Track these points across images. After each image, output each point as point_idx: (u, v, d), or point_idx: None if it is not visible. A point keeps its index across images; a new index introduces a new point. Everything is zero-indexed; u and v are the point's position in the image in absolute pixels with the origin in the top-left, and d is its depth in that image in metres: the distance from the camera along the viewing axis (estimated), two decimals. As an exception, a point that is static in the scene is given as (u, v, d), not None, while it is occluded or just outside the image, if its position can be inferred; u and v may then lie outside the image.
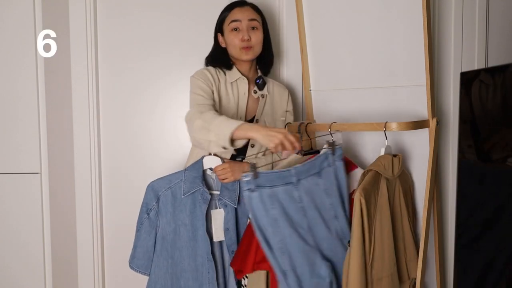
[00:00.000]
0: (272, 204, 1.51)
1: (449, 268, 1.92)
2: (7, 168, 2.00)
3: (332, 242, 1.61)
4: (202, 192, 1.73)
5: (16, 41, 1.97)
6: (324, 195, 1.62)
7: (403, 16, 1.72)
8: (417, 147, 1.76)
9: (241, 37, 1.78)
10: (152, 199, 1.73)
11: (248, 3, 1.88)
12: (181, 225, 1.73)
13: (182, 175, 1.75)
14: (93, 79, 2.16)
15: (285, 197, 1.54)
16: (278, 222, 1.51)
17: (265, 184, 1.50)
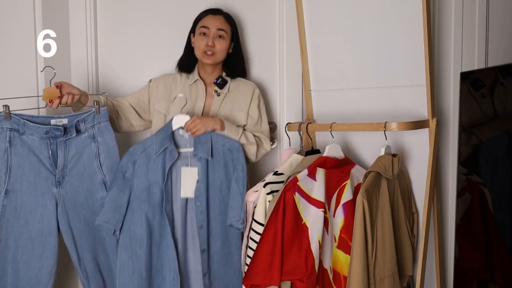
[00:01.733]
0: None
1: (449, 268, 1.92)
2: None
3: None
4: (171, 151, 1.81)
5: (16, 41, 1.96)
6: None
7: (403, 16, 1.72)
8: (417, 147, 1.76)
9: (206, 42, 1.92)
10: (128, 162, 1.82)
11: (222, 12, 1.99)
12: (154, 183, 1.80)
13: (153, 138, 1.86)
14: (93, 79, 2.16)
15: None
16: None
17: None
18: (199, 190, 1.79)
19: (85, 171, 1.77)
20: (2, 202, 1.70)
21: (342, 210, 1.64)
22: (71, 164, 1.76)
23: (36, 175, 1.73)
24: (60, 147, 1.74)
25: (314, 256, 1.55)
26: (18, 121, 1.70)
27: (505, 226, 1.50)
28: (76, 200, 1.77)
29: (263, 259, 1.56)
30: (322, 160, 1.68)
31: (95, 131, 1.77)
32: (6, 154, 1.69)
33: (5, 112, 1.68)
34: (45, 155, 1.73)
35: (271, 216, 1.57)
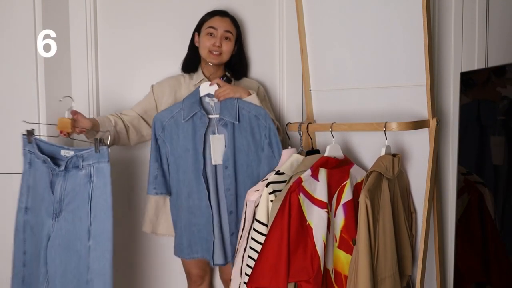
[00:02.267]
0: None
1: (449, 268, 1.92)
2: (7, 168, 2.00)
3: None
4: (201, 116, 1.86)
5: (16, 41, 1.96)
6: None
7: (403, 16, 1.72)
8: (417, 147, 1.76)
9: (213, 42, 1.95)
10: (159, 128, 1.88)
11: (229, 15, 2.02)
12: (185, 150, 1.86)
13: (181, 104, 1.90)
14: (93, 79, 2.16)
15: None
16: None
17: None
18: (226, 155, 1.86)
19: (77, 212, 1.69)
20: (23, 217, 1.77)
21: (342, 210, 1.64)
22: (67, 199, 1.70)
23: (40, 201, 1.73)
24: (59, 179, 1.70)
25: (319, 256, 1.55)
26: (34, 145, 1.74)
27: (504, 227, 1.50)
28: (64, 240, 1.68)
29: (269, 261, 1.55)
30: (324, 160, 1.68)
31: (93, 171, 1.68)
32: (27, 175, 1.76)
33: (28, 136, 1.74)
34: (47, 184, 1.72)
35: (277, 217, 1.56)
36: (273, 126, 1.87)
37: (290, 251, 1.55)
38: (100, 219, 1.65)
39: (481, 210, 1.59)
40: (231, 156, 1.86)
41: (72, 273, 1.67)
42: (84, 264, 1.66)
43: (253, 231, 1.66)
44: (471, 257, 1.65)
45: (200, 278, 2.04)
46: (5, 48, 1.97)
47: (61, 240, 1.68)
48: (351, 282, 1.54)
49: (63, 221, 1.69)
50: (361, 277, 1.49)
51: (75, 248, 1.67)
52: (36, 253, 1.73)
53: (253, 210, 1.71)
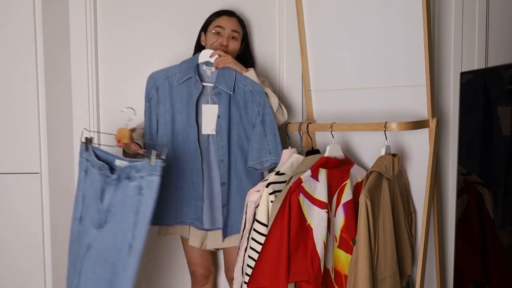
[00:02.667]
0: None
1: (449, 268, 1.92)
2: (7, 168, 2.00)
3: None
4: (195, 82, 1.85)
5: (16, 41, 1.96)
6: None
7: (403, 16, 1.72)
8: (417, 147, 1.76)
9: (220, 41, 1.95)
10: (152, 87, 1.87)
11: (236, 15, 2.02)
12: (177, 113, 1.85)
13: (178, 67, 1.89)
14: (93, 78, 2.15)
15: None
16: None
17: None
18: (221, 125, 1.85)
19: (122, 224, 1.59)
20: (78, 228, 1.71)
21: (342, 210, 1.64)
22: (114, 210, 1.62)
23: (90, 209, 1.68)
24: (109, 189, 1.63)
25: (319, 257, 1.55)
26: (91, 152, 1.70)
27: (503, 227, 1.50)
28: (106, 251, 1.60)
29: (269, 262, 1.55)
30: (324, 161, 1.68)
31: (144, 183, 1.58)
32: (83, 183, 1.72)
33: (86, 144, 1.72)
34: (98, 192, 1.66)
35: (277, 218, 1.56)
36: (267, 104, 1.84)
37: (290, 252, 1.55)
38: (142, 232, 1.56)
39: (480, 211, 1.59)
40: (225, 126, 1.84)
41: (104, 286, 1.59)
42: (116, 280, 1.57)
43: (253, 231, 1.66)
44: (471, 257, 1.65)
45: (205, 278, 2.04)
46: (5, 48, 1.97)
47: (99, 251, 1.61)
48: (351, 282, 1.54)
49: (105, 232, 1.61)
50: (361, 277, 1.49)
51: (112, 261, 1.58)
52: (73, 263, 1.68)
53: (254, 210, 1.71)
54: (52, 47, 2.03)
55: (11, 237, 2.02)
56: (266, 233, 1.59)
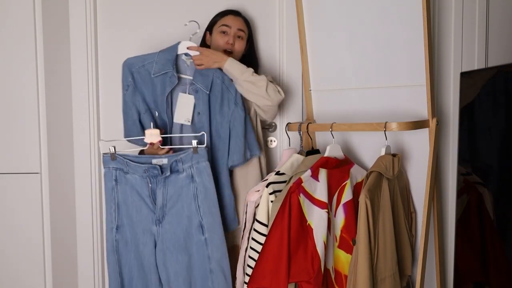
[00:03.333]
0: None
1: (449, 268, 1.92)
2: (7, 168, 2.00)
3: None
4: (171, 76, 1.82)
5: (16, 41, 1.96)
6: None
7: (403, 16, 1.72)
8: (417, 147, 1.76)
9: (226, 40, 1.94)
10: (127, 75, 1.84)
11: (241, 14, 2.02)
12: (149, 103, 1.84)
13: (155, 56, 1.85)
14: (93, 78, 2.16)
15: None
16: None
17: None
18: (202, 122, 1.83)
19: (184, 212, 1.75)
20: (115, 237, 1.78)
21: (342, 210, 1.64)
22: (170, 203, 1.75)
23: (137, 212, 1.76)
24: (159, 186, 1.74)
25: (320, 257, 1.55)
26: (122, 160, 1.75)
27: (503, 227, 1.50)
28: (174, 241, 1.75)
29: (269, 262, 1.55)
30: (324, 161, 1.68)
31: (194, 171, 1.74)
32: (114, 192, 1.76)
33: (111, 153, 1.75)
34: (146, 193, 1.75)
35: (277, 218, 1.56)
36: (239, 99, 1.84)
37: (291, 252, 1.55)
38: (210, 212, 1.73)
39: (480, 211, 1.59)
40: (207, 123, 1.82)
41: (185, 271, 1.75)
42: (202, 257, 1.74)
43: (254, 231, 1.66)
44: (470, 257, 1.65)
45: None
46: (5, 48, 1.97)
47: (169, 243, 1.74)
48: (350, 282, 1.54)
49: (167, 225, 1.75)
50: (361, 277, 1.49)
51: (186, 245, 1.75)
52: (137, 267, 1.78)
53: (254, 210, 1.71)
54: (52, 47, 2.03)
55: (11, 237, 2.02)
56: (266, 233, 1.59)
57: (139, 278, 1.79)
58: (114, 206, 1.77)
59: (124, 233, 1.77)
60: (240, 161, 1.83)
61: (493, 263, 1.55)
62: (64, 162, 2.12)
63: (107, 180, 1.76)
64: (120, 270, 1.78)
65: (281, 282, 1.53)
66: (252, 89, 1.82)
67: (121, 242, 1.77)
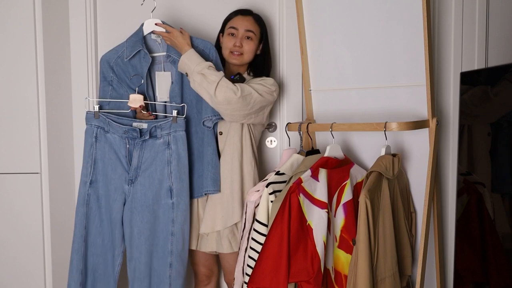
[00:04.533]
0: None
1: (449, 268, 1.92)
2: (7, 168, 2.00)
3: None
4: (144, 55, 1.86)
5: (16, 41, 1.97)
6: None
7: (403, 16, 1.72)
8: (417, 147, 1.76)
9: (234, 43, 1.93)
10: (108, 70, 1.89)
11: (252, 13, 2.00)
12: (129, 89, 1.88)
13: (125, 43, 1.90)
14: (93, 79, 2.16)
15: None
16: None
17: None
18: (174, 91, 1.87)
19: (156, 175, 1.83)
20: (87, 191, 1.87)
21: (342, 210, 1.64)
22: (144, 166, 1.84)
23: (112, 170, 1.86)
24: (136, 148, 1.84)
25: (320, 257, 1.55)
26: (104, 119, 1.85)
27: (502, 228, 1.50)
28: (143, 201, 1.83)
29: (269, 262, 1.55)
30: (324, 161, 1.68)
31: (170, 139, 1.83)
32: (92, 148, 1.86)
33: (94, 112, 1.85)
34: (123, 154, 1.86)
35: (276, 218, 1.56)
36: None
37: (290, 252, 1.55)
38: (180, 178, 1.82)
39: (480, 211, 1.59)
40: (178, 92, 1.86)
41: (148, 231, 1.83)
42: (166, 219, 1.82)
43: (253, 231, 1.66)
44: (470, 257, 1.65)
45: (207, 278, 2.04)
46: (5, 49, 1.97)
47: (138, 202, 1.83)
48: (350, 282, 1.54)
49: (139, 185, 1.84)
50: (361, 277, 1.49)
51: (153, 207, 1.83)
52: (105, 222, 1.88)
53: (253, 210, 1.71)
54: (52, 47, 2.03)
55: (11, 237, 2.02)
56: (266, 233, 1.60)
57: (104, 232, 1.88)
58: (91, 162, 1.86)
59: (96, 188, 1.86)
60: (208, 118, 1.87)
61: (493, 263, 1.55)
62: (64, 162, 2.12)
63: (87, 136, 1.86)
64: (86, 223, 1.87)
65: (281, 282, 1.53)
66: (202, 83, 1.76)
67: (93, 196, 1.86)
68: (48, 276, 2.03)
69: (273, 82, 1.93)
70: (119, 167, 1.85)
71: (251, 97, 1.81)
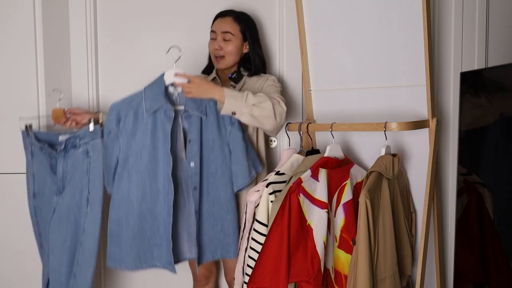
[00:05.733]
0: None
1: (449, 268, 1.92)
2: (7, 168, 2.00)
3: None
4: (166, 110, 1.71)
5: (16, 41, 1.97)
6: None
7: (403, 16, 1.72)
8: (417, 147, 1.76)
9: (214, 47, 1.91)
10: (112, 120, 1.75)
11: (232, 13, 1.95)
12: (142, 147, 1.72)
13: (142, 94, 1.74)
14: (93, 78, 2.16)
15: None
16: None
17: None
18: (192, 151, 1.73)
19: (78, 184, 1.85)
20: (32, 203, 1.91)
21: (342, 210, 1.64)
22: (68, 176, 1.86)
23: (44, 184, 1.89)
24: (60, 160, 1.86)
25: (320, 257, 1.55)
26: (31, 138, 1.89)
27: (503, 227, 1.50)
28: (65, 210, 1.84)
29: (269, 262, 1.55)
30: (324, 161, 1.68)
31: (89, 147, 1.84)
32: (30, 164, 1.90)
33: (26, 130, 1.88)
34: (48, 166, 1.88)
35: (276, 218, 1.56)
36: (236, 121, 1.74)
37: (290, 252, 1.55)
38: (95, 186, 1.83)
39: (480, 211, 1.59)
40: (197, 151, 1.72)
41: (69, 241, 1.83)
42: (80, 229, 1.83)
43: (253, 231, 1.66)
44: (470, 257, 1.65)
45: (205, 278, 2.03)
46: (5, 49, 1.97)
47: (61, 213, 1.85)
48: (350, 282, 1.54)
49: (65, 195, 1.86)
50: (361, 277, 1.49)
51: (74, 217, 1.84)
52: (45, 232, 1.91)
53: (253, 210, 1.71)
54: (52, 47, 2.03)
55: (11, 237, 2.02)
56: (266, 233, 1.60)
57: (55, 245, 1.86)
58: (31, 177, 1.90)
59: (39, 200, 1.90)
60: (245, 182, 1.79)
61: (493, 263, 1.55)
62: (64, 162, 2.12)
63: (26, 153, 1.90)
64: (39, 231, 1.91)
65: (281, 282, 1.53)
66: (259, 113, 1.68)
67: (37, 208, 1.90)
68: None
69: (278, 80, 1.96)
70: (48, 181, 1.88)
71: (284, 102, 1.80)
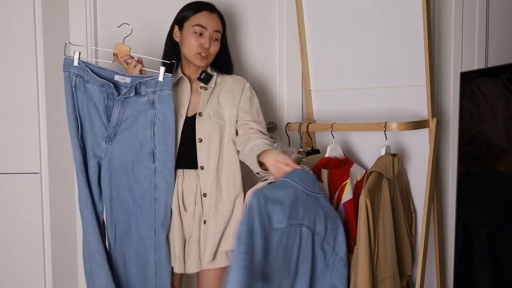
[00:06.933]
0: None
1: (449, 268, 1.92)
2: (7, 168, 2.00)
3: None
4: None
5: (16, 41, 1.96)
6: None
7: (403, 16, 1.72)
8: (417, 147, 1.76)
9: (202, 43, 1.74)
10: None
11: (216, 9, 1.81)
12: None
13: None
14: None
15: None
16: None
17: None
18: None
19: (137, 136, 1.70)
20: (80, 144, 1.72)
21: (343, 210, 1.64)
22: (124, 125, 1.70)
23: (90, 124, 1.72)
24: (117, 105, 1.68)
25: None
26: (84, 68, 1.68)
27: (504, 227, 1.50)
28: (122, 162, 1.71)
29: None
30: (325, 161, 1.68)
31: (155, 98, 1.67)
32: (74, 99, 1.70)
33: (74, 57, 1.67)
34: (102, 108, 1.70)
35: None
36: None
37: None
38: (165, 142, 1.68)
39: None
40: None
41: (134, 192, 1.72)
42: (148, 184, 1.70)
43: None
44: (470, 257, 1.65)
45: None
46: (5, 49, 1.97)
47: (116, 162, 1.71)
48: (350, 282, 1.54)
49: (117, 144, 1.70)
50: (361, 277, 1.49)
51: (133, 169, 1.71)
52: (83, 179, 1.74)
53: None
54: (52, 47, 2.03)
55: (11, 237, 2.02)
56: (266, 233, 1.59)
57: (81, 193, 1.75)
58: (76, 114, 1.70)
59: (84, 141, 1.73)
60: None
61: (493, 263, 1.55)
62: (64, 162, 2.12)
63: (66, 86, 1.69)
64: (87, 176, 1.74)
65: None
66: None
67: (83, 151, 1.74)
68: (48, 276, 2.03)
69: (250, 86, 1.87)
70: (97, 122, 1.70)
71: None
